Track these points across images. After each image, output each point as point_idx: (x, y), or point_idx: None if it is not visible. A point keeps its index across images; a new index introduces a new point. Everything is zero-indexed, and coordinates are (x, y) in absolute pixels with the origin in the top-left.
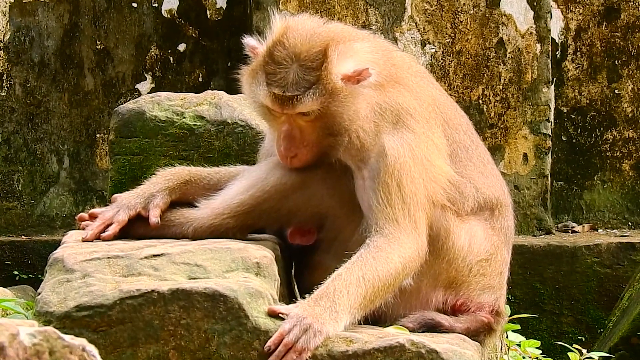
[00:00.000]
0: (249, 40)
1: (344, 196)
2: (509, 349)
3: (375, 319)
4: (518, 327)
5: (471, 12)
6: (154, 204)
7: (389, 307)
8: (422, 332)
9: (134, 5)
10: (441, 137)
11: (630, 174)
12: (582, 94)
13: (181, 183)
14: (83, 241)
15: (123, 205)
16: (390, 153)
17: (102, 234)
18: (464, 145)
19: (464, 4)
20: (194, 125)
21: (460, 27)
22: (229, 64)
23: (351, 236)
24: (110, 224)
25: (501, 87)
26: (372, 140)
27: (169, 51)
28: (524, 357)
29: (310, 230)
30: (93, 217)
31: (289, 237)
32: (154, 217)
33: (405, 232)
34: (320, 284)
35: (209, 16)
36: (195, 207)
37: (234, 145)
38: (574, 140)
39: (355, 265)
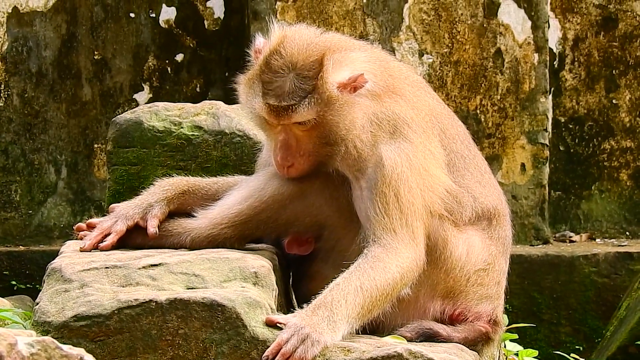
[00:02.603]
0: (258, 40)
1: (342, 206)
2: (506, 358)
3: (373, 328)
4: (516, 336)
5: (469, 22)
6: (152, 214)
7: (386, 317)
8: (420, 342)
9: (132, 15)
10: (438, 147)
11: (628, 184)
12: (580, 103)
13: (179, 193)
14: (81, 251)
15: (121, 215)
16: (388, 163)
17: (99, 244)
18: (461, 155)
19: (462, 14)
20: (192, 135)
21: (457, 37)
22: (226, 74)
23: (349, 246)
24: (108, 234)
25: (499, 97)
26: (369, 150)
27: (167, 61)
28: None
29: (307, 240)
30: (91, 227)
31: (286, 247)
32: (152, 227)
33: (403, 242)
34: (318, 293)
35: (206, 26)
36: (193, 217)
37: (232, 155)
38: (572, 150)
39: (353, 274)
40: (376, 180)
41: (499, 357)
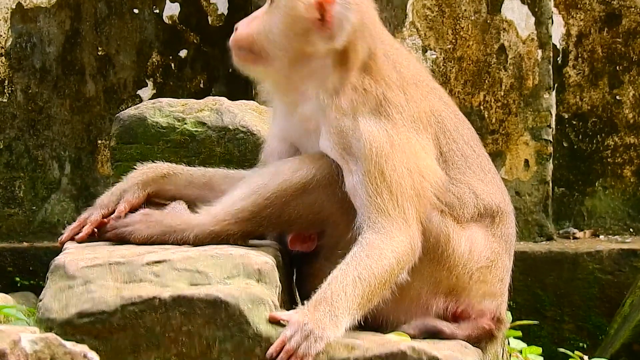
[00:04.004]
0: None
1: (345, 203)
2: (510, 355)
3: (377, 325)
4: (519, 333)
5: (472, 18)
6: (125, 199)
7: (390, 314)
8: (423, 339)
9: (135, 11)
10: (427, 141)
11: (632, 180)
12: (584, 100)
13: (158, 176)
14: (59, 244)
15: (98, 205)
16: (366, 137)
17: (76, 236)
18: (462, 154)
19: (465, 10)
20: (195, 131)
21: (461, 33)
22: (230, 70)
23: (352, 243)
24: (85, 225)
25: (502, 93)
26: (350, 122)
27: (171, 57)
28: None
29: (310, 237)
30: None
31: (289, 243)
32: (118, 212)
33: (397, 225)
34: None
35: (210, 22)
36: (196, 212)
37: (235, 151)
38: (575, 147)
39: (350, 265)
40: (360, 157)
41: (503, 354)
